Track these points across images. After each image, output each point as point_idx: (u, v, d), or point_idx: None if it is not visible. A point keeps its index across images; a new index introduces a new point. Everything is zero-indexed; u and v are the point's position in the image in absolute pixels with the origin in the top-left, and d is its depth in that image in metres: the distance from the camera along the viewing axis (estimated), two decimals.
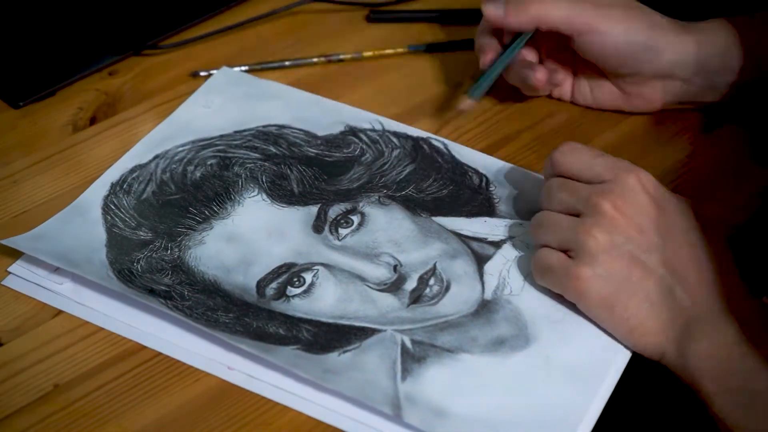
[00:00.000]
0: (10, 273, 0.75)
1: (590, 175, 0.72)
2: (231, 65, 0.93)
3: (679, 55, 0.82)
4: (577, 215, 0.71)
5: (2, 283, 0.75)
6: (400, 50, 0.94)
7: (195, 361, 0.70)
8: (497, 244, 0.77)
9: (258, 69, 0.93)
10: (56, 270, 0.75)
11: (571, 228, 0.71)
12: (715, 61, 0.82)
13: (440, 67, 0.93)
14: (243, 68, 0.93)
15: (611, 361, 0.70)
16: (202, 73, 0.92)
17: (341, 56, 0.94)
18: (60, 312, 0.73)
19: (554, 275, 0.71)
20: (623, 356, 0.70)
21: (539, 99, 0.90)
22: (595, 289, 0.70)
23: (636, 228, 0.70)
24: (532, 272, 0.73)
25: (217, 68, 0.92)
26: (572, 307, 0.72)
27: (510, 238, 0.78)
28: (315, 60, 0.94)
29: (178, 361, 0.70)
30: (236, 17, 0.98)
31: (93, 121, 0.89)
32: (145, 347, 0.71)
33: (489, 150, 0.85)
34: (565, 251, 0.71)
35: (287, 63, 0.93)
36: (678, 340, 0.69)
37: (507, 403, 0.68)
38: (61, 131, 0.88)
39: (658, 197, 0.71)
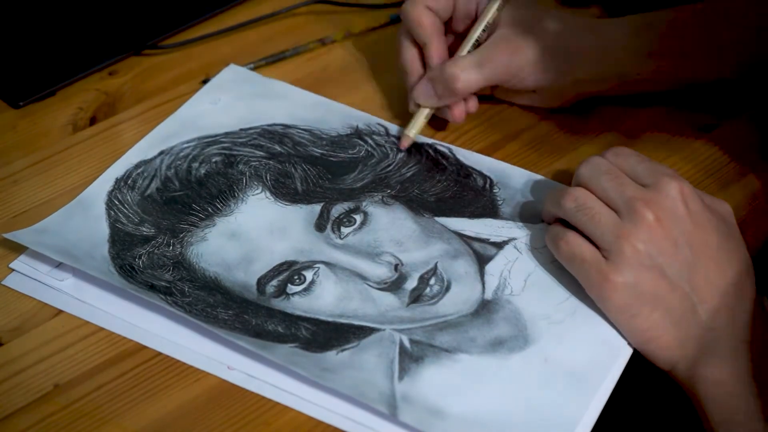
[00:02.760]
0: (13, 270, 0.75)
1: (633, 177, 0.72)
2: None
3: (589, 68, 0.84)
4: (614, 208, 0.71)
5: (5, 280, 0.75)
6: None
7: (195, 360, 0.70)
8: (499, 245, 0.77)
9: (262, 65, 0.93)
10: (58, 266, 0.75)
11: (612, 228, 0.70)
12: (622, 66, 0.84)
13: None
14: (250, 66, 0.93)
15: (611, 364, 0.70)
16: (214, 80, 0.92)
17: (333, 38, 0.96)
18: (60, 312, 0.73)
19: (584, 268, 0.71)
20: (623, 358, 0.70)
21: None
22: (621, 295, 0.70)
23: (672, 242, 0.70)
24: (553, 248, 0.73)
25: (219, 68, 0.92)
26: (573, 308, 0.72)
27: (512, 239, 0.77)
28: (311, 45, 0.95)
29: (178, 361, 0.70)
30: (237, 18, 0.98)
31: (93, 121, 0.89)
32: (145, 347, 0.71)
33: (489, 150, 0.85)
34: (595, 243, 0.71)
35: (288, 53, 0.94)
36: (691, 359, 0.69)
37: (504, 404, 0.68)
38: (61, 131, 0.88)
39: (696, 210, 0.71)
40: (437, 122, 0.87)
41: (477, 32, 0.84)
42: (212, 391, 0.69)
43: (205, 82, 0.91)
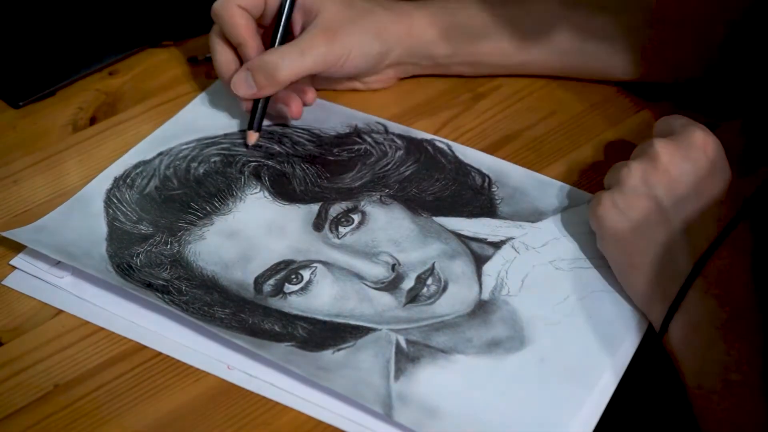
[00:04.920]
0: (14, 267, 0.75)
1: (668, 131, 0.74)
2: None
3: (403, 50, 0.87)
4: None
5: (6, 279, 0.75)
6: None
7: (194, 359, 0.70)
8: (497, 245, 0.77)
9: None
10: (57, 264, 0.75)
11: (622, 166, 0.73)
12: (434, 47, 0.88)
13: None
14: None
15: (607, 364, 0.70)
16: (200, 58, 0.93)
17: None
18: (60, 312, 0.73)
19: (591, 206, 0.74)
20: (621, 360, 0.70)
21: (539, 99, 0.90)
22: (610, 219, 0.72)
23: (673, 178, 0.71)
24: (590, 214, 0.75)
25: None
26: (570, 309, 0.72)
27: (510, 239, 0.77)
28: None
29: (178, 361, 0.70)
30: None
31: (93, 121, 0.89)
32: (145, 347, 0.71)
33: (489, 150, 0.85)
34: None
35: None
36: (665, 303, 0.69)
37: (500, 404, 0.68)
38: (61, 131, 0.88)
39: (714, 160, 0.72)
40: (436, 124, 0.87)
41: (282, 22, 0.84)
42: (212, 391, 0.69)
43: (192, 60, 0.92)
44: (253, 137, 0.84)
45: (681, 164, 0.71)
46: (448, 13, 0.87)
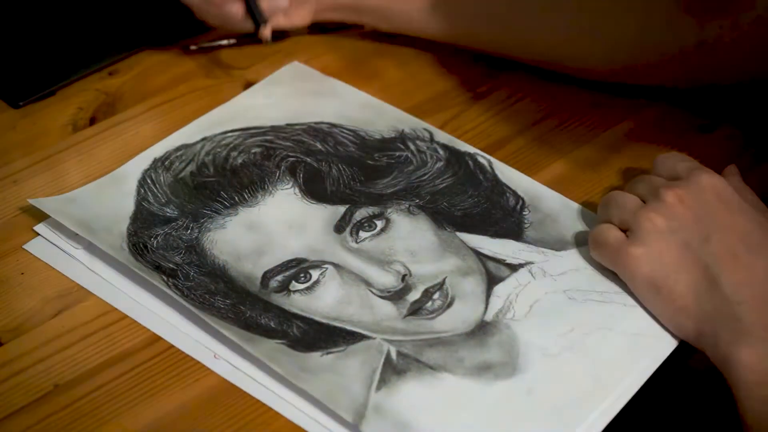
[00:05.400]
0: (37, 234, 0.78)
1: (671, 175, 0.74)
2: (232, 65, 0.93)
3: None
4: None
5: (27, 244, 0.77)
6: None
7: (185, 344, 0.71)
8: (514, 267, 0.76)
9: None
10: (76, 235, 0.76)
11: (634, 209, 0.73)
12: None
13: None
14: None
15: (596, 405, 0.67)
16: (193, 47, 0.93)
17: None
18: (60, 312, 0.73)
19: (608, 250, 0.73)
20: (613, 403, 0.68)
21: (539, 99, 0.90)
22: (644, 269, 0.71)
23: (693, 217, 0.71)
24: (589, 245, 0.74)
25: (220, 68, 0.93)
26: (571, 343, 0.70)
27: (529, 263, 0.76)
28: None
29: (178, 361, 0.70)
30: None
31: (93, 121, 0.89)
32: (145, 347, 0.71)
33: (489, 150, 0.85)
34: (624, 231, 0.73)
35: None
36: (720, 336, 0.68)
37: (478, 429, 0.66)
38: (61, 131, 0.88)
39: (728, 199, 0.72)
40: (436, 124, 0.87)
41: None
42: (212, 391, 0.69)
43: (184, 48, 0.94)
44: (265, 31, 0.88)
45: (697, 208, 0.71)
46: None
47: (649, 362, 0.70)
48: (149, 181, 0.81)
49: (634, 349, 0.71)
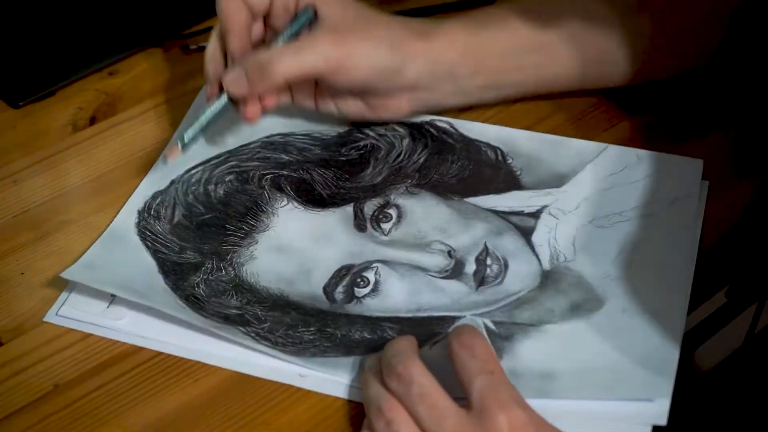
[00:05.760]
0: (59, 315, 0.73)
1: (461, 376, 0.62)
2: None
3: (421, 68, 0.80)
4: None
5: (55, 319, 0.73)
6: None
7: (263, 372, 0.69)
8: (535, 215, 0.77)
9: None
10: (110, 304, 0.73)
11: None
12: (457, 67, 0.81)
13: None
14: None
15: (678, 305, 0.70)
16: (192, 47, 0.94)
17: None
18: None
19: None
20: (684, 296, 0.71)
21: (539, 99, 0.90)
22: None
23: None
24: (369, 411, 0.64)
25: None
26: (628, 262, 0.73)
27: (544, 206, 0.78)
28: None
29: (178, 361, 0.70)
30: None
31: (93, 121, 0.89)
32: (144, 348, 0.71)
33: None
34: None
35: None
36: None
37: (604, 357, 0.68)
38: (61, 131, 0.88)
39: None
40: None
41: (295, 28, 0.79)
42: (212, 391, 0.69)
43: (183, 47, 0.93)
44: (174, 153, 0.79)
45: None
46: (470, 33, 0.82)
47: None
48: (149, 233, 0.77)
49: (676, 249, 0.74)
